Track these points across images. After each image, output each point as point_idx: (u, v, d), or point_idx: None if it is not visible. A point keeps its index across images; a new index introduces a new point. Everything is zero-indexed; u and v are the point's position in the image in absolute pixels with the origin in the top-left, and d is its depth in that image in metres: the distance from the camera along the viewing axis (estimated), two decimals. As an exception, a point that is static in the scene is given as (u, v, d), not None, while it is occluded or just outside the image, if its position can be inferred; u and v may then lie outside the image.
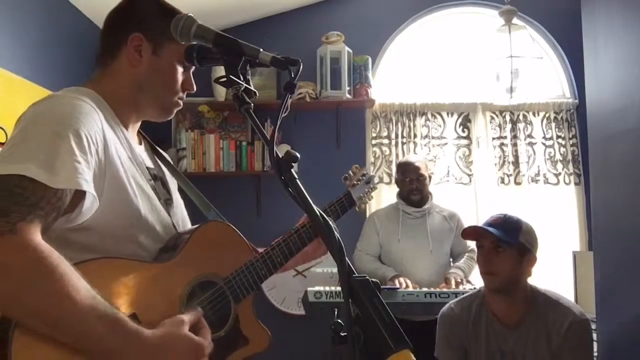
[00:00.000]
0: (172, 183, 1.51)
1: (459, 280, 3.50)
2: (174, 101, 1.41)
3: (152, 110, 1.41)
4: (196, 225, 1.41)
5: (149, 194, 1.34)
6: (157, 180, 1.43)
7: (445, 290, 3.35)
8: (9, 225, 1.03)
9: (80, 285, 1.06)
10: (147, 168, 1.40)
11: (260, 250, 1.49)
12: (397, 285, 3.37)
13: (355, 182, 1.78)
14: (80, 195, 1.15)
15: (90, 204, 1.18)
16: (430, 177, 3.76)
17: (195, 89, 1.44)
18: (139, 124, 1.45)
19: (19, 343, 1.03)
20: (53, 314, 1.03)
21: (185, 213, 1.52)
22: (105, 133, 1.24)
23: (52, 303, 1.03)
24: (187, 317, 1.22)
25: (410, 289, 3.37)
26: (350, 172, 1.82)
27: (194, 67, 1.40)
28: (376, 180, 4.43)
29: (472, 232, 2.29)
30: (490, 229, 2.19)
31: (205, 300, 1.33)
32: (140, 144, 1.45)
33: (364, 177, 1.81)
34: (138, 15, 1.37)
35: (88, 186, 1.15)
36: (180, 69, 1.39)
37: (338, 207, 1.67)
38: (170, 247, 1.35)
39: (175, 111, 1.44)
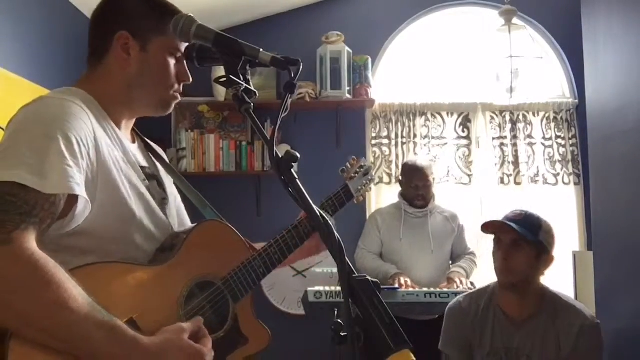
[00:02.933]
0: (168, 181, 1.49)
1: (462, 280, 3.50)
2: (170, 95, 1.38)
3: (148, 107, 1.39)
4: (192, 225, 1.39)
5: (143, 195, 1.32)
6: (152, 179, 1.40)
7: (445, 290, 3.35)
8: (3, 234, 1.02)
9: (77, 293, 1.05)
10: (142, 167, 1.37)
11: (258, 246, 1.47)
12: (397, 286, 3.37)
13: (352, 175, 1.74)
14: (72, 199, 1.14)
15: (83, 208, 1.16)
16: (433, 180, 3.76)
17: (191, 79, 1.40)
18: (132, 121, 1.42)
19: (16, 353, 1.02)
20: (50, 323, 1.03)
21: (182, 210, 1.50)
22: (96, 134, 1.23)
23: (49, 312, 1.02)
24: (187, 325, 1.21)
25: (411, 289, 3.38)
26: (348, 165, 1.78)
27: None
28: (375, 176, 4.48)
29: (491, 225, 2.25)
30: (511, 224, 2.16)
31: (203, 301, 1.32)
32: (134, 142, 1.42)
33: (362, 169, 1.77)
34: (123, 12, 1.35)
35: (80, 190, 1.13)
36: (172, 62, 1.36)
37: (336, 201, 1.65)
38: (167, 247, 1.33)
39: (173, 105, 1.41)
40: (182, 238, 1.34)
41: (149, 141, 1.51)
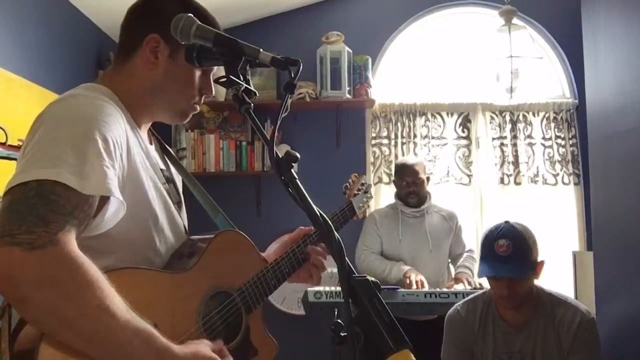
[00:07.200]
0: (179, 182, 1.49)
1: (469, 280, 3.50)
2: (189, 106, 1.36)
3: (166, 114, 1.38)
4: (212, 235, 1.39)
5: (165, 199, 1.32)
6: (170, 182, 1.40)
7: (445, 290, 3.35)
8: (49, 235, 1.00)
9: (117, 300, 1.04)
10: (161, 170, 1.37)
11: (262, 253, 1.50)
12: (415, 285, 3.35)
13: (355, 192, 1.80)
14: (102, 201, 1.11)
15: (116, 211, 1.14)
16: (428, 178, 3.75)
17: (214, 92, 1.39)
18: (150, 123, 1.41)
19: (46, 356, 1.01)
20: (90, 327, 1.01)
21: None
22: (128, 135, 1.22)
23: (90, 316, 1.01)
24: (211, 343, 1.22)
25: (426, 288, 3.35)
26: (350, 182, 1.84)
27: (215, 69, 1.35)
28: (375, 182, 4.48)
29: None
30: (505, 272, 2.13)
31: (219, 312, 1.33)
32: (151, 143, 1.41)
33: (363, 187, 1.84)
34: (159, 15, 1.31)
35: (117, 192, 1.12)
36: (197, 73, 1.34)
37: (341, 218, 1.70)
38: (184, 254, 1.33)
39: (191, 115, 1.39)
40: (202, 247, 1.34)
41: (163, 142, 1.50)
